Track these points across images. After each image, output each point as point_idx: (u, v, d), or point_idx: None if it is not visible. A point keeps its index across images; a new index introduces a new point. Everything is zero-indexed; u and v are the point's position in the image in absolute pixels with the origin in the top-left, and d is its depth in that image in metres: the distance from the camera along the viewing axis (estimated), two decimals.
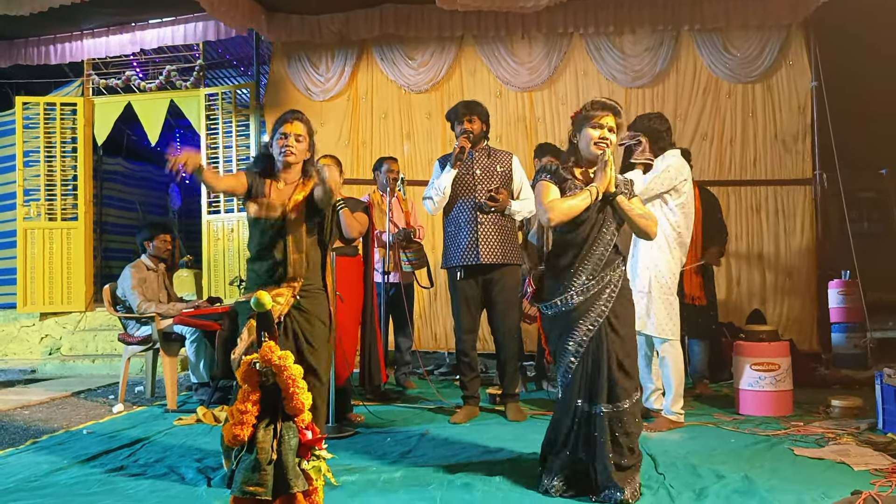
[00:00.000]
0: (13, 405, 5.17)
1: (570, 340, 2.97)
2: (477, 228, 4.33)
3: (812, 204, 6.47)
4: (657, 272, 4.08)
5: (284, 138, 3.19)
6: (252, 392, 2.51)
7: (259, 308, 2.63)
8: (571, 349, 2.97)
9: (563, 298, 2.98)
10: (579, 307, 2.96)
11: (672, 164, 4.07)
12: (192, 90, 7.50)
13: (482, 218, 4.34)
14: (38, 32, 7.27)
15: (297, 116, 3.26)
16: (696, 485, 3.03)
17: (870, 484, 2.97)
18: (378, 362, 4.60)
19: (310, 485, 2.50)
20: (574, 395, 2.96)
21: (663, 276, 4.08)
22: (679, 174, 4.08)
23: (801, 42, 6.56)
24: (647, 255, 4.10)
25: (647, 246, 4.07)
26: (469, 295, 4.42)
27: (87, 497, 3.02)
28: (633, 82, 6.71)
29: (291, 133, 3.20)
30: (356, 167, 6.85)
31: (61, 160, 7.53)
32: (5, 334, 7.66)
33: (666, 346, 4.10)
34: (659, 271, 4.08)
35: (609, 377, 2.91)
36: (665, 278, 4.08)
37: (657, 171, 4.07)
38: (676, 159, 4.13)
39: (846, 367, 5.96)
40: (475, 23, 6.74)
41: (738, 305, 6.42)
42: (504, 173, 4.43)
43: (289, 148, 3.19)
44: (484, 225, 4.34)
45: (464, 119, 4.43)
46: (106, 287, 5.46)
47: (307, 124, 3.27)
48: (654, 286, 4.07)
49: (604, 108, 3.03)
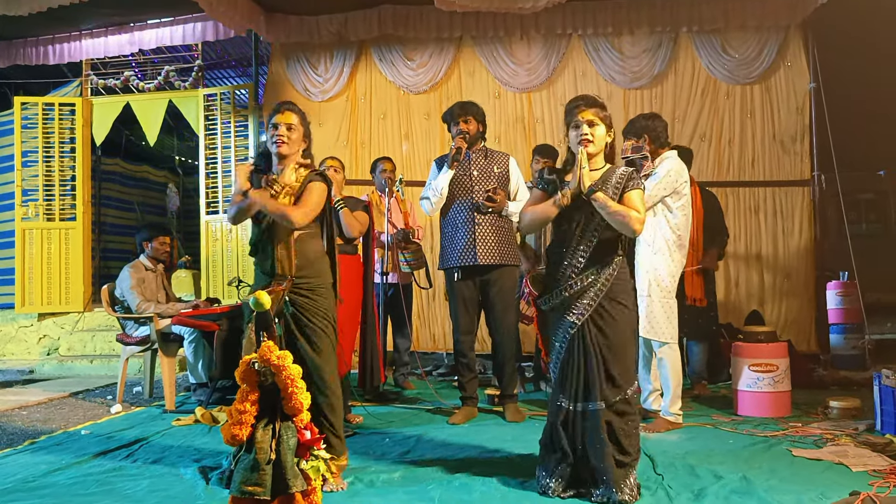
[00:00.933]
0: (11, 406, 5.16)
1: (555, 337, 3.02)
2: (474, 229, 4.33)
3: (810, 205, 6.48)
4: (656, 275, 4.08)
5: (275, 129, 3.15)
6: (251, 392, 2.52)
7: (258, 308, 2.63)
8: (557, 346, 3.00)
9: (553, 293, 3.02)
10: (565, 303, 2.97)
11: (672, 168, 4.09)
12: (190, 91, 7.50)
13: (479, 219, 4.34)
14: (37, 33, 7.27)
15: (289, 107, 3.22)
16: (694, 485, 3.03)
17: (868, 485, 2.97)
18: (377, 363, 4.59)
19: (308, 485, 2.50)
20: (559, 392, 2.99)
21: (663, 279, 4.08)
22: (679, 176, 4.10)
23: (800, 43, 6.57)
24: (646, 258, 4.11)
25: (647, 249, 4.10)
26: (466, 296, 4.42)
27: (86, 497, 3.02)
28: (631, 83, 6.71)
29: (282, 123, 3.16)
30: (355, 167, 6.85)
31: (60, 160, 7.53)
32: (3, 335, 7.65)
33: (664, 348, 4.09)
34: (658, 274, 4.08)
35: (594, 375, 2.90)
36: (665, 281, 4.08)
37: (658, 176, 4.07)
38: (675, 161, 4.15)
39: (844, 368, 5.96)
40: (474, 24, 6.74)
41: (736, 306, 6.42)
42: (501, 174, 4.43)
43: (280, 137, 3.13)
44: (481, 226, 4.34)
45: (459, 120, 4.44)
46: (104, 287, 5.46)
47: (300, 114, 3.22)
48: (654, 289, 4.08)
49: (577, 105, 3.04)
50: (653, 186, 4.02)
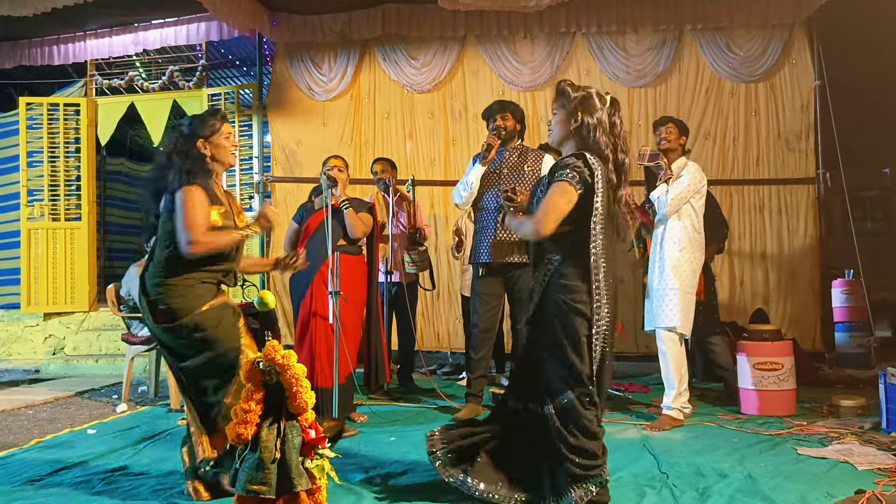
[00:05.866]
0: (17, 405, 5.18)
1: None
2: (497, 227, 4.34)
3: (815, 203, 6.47)
4: (683, 271, 4.23)
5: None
6: (256, 391, 2.52)
7: (262, 308, 2.64)
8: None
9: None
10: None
11: (695, 172, 4.30)
12: (195, 90, 7.51)
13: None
14: (42, 33, 7.29)
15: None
16: (699, 484, 3.03)
17: (873, 483, 2.96)
18: (382, 362, 4.60)
19: (313, 484, 2.51)
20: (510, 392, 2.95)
21: (685, 274, 4.23)
22: (703, 178, 4.34)
23: (804, 41, 6.55)
24: (672, 255, 4.25)
25: (674, 247, 4.24)
26: (488, 292, 4.42)
27: (91, 496, 3.02)
28: (635, 82, 6.71)
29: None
30: (359, 167, 6.85)
31: (65, 160, 7.55)
32: (9, 334, 7.67)
33: (668, 341, 4.18)
34: (685, 270, 4.23)
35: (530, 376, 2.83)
36: (690, 278, 4.25)
37: (685, 181, 4.25)
38: (695, 165, 4.37)
39: (850, 366, 5.95)
40: (477, 22, 6.74)
41: (741, 305, 6.41)
42: (532, 173, 4.40)
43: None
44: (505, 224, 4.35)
45: (497, 116, 4.45)
46: (110, 287, 5.47)
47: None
48: (683, 285, 4.21)
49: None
50: (683, 190, 4.23)
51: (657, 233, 4.33)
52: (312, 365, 4.12)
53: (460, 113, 6.94)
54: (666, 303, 4.20)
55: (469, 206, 4.54)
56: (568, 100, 2.84)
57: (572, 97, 2.82)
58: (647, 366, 6.10)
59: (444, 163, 6.94)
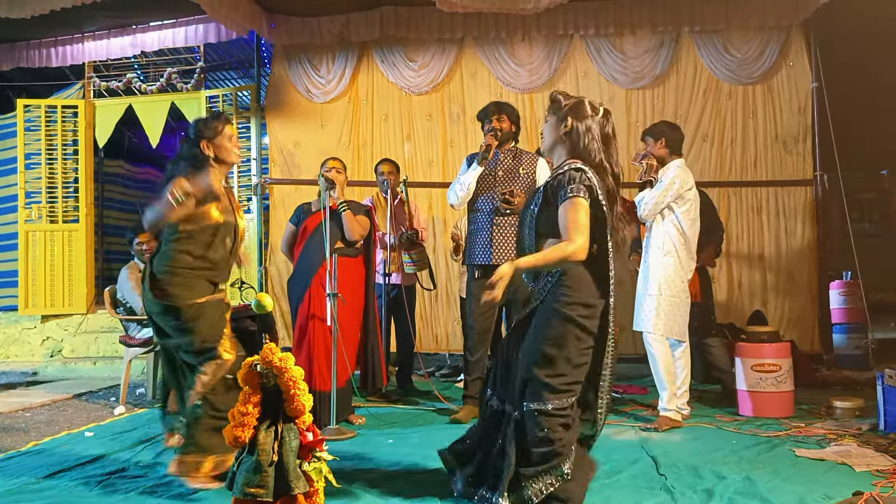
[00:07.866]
0: (15, 407, 5.17)
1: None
2: (492, 230, 4.33)
3: (813, 205, 6.47)
4: (666, 276, 4.23)
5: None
6: (253, 394, 2.52)
7: (260, 310, 2.63)
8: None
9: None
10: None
11: (677, 176, 4.26)
12: (192, 92, 7.50)
13: (498, 220, 4.34)
14: (40, 35, 7.28)
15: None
16: (697, 486, 3.03)
17: (871, 485, 2.96)
18: (380, 364, 4.60)
19: (311, 486, 2.50)
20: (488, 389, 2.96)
21: (672, 280, 4.24)
22: (684, 184, 4.28)
23: (802, 43, 6.56)
24: (656, 260, 4.27)
25: (658, 252, 4.26)
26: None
27: (89, 499, 3.02)
28: (633, 83, 6.71)
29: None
30: (357, 169, 6.85)
31: (62, 162, 7.54)
32: (7, 336, 7.66)
33: (654, 343, 4.23)
34: (668, 275, 4.24)
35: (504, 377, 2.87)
36: (675, 282, 4.24)
37: (663, 184, 4.26)
38: (680, 170, 4.33)
39: (847, 367, 5.95)
40: (475, 24, 6.74)
41: (739, 306, 6.41)
42: (526, 176, 4.40)
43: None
44: (499, 227, 4.33)
45: (493, 117, 4.45)
46: (107, 289, 5.47)
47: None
48: (664, 289, 4.23)
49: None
50: (658, 193, 4.24)
51: (646, 237, 4.38)
52: (311, 368, 4.12)
53: (458, 115, 6.94)
54: (644, 307, 4.29)
55: (464, 206, 4.54)
56: (559, 107, 2.85)
57: (563, 104, 2.83)
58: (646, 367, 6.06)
59: (442, 164, 6.94)
